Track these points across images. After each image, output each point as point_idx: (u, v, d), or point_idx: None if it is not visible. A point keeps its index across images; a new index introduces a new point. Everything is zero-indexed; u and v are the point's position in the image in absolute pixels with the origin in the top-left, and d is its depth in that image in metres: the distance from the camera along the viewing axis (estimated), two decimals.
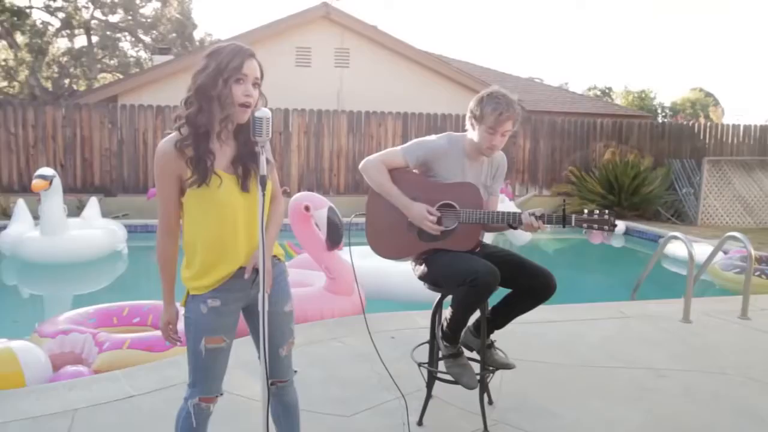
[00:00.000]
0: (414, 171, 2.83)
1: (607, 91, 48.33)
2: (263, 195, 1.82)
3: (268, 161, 1.90)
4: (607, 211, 2.58)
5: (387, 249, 2.81)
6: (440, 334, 2.79)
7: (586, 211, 2.62)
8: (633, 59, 68.13)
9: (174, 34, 29.40)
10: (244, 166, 1.95)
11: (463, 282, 2.48)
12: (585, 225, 2.57)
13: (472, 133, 2.78)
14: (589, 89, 43.37)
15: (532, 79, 17.39)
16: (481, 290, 2.47)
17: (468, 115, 2.81)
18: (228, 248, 1.95)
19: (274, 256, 2.06)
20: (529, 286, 2.68)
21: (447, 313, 2.70)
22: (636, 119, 14.29)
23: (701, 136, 13.10)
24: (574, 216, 2.59)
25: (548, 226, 2.58)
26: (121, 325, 4.15)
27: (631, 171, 11.67)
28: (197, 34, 31.28)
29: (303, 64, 12.86)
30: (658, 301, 5.30)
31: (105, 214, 8.72)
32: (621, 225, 10.22)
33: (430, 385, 2.92)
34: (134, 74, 18.15)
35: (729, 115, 42.14)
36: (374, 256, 2.89)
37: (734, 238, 4.99)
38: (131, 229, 8.69)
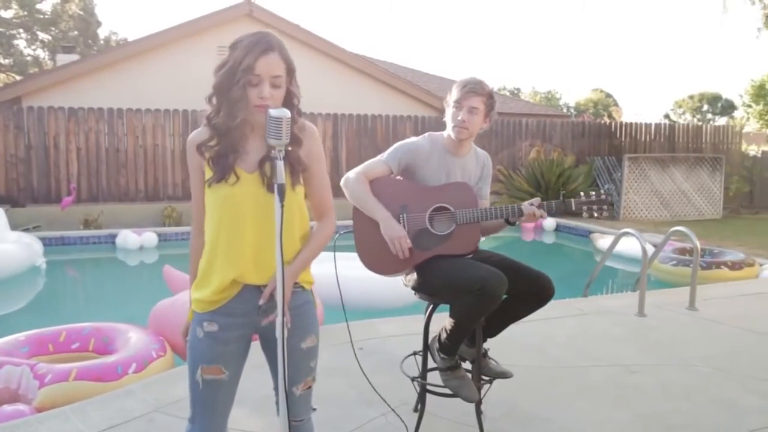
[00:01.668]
0: (399, 178, 2.68)
1: (515, 91, 50.13)
2: (281, 206, 1.58)
3: (297, 167, 1.71)
4: (603, 193, 2.62)
5: (384, 265, 2.58)
6: (436, 345, 2.64)
7: (582, 194, 2.65)
8: (539, 61, 71.04)
9: (76, 32, 27.67)
10: (273, 164, 1.71)
11: (469, 291, 2.33)
12: (585, 208, 2.58)
13: (448, 128, 2.70)
14: (499, 90, 44.77)
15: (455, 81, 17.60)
16: (490, 299, 2.34)
17: (444, 104, 2.76)
18: (229, 252, 1.73)
19: (297, 283, 1.80)
20: (526, 290, 2.58)
21: (447, 323, 2.55)
22: (558, 119, 14.79)
23: (618, 135, 13.72)
24: (573, 200, 2.59)
25: (548, 214, 2.57)
26: (59, 353, 3.71)
27: (556, 169, 12.03)
28: (102, 32, 29.64)
29: None
30: (609, 297, 5.42)
31: (14, 227, 7.96)
32: (551, 221, 10.51)
33: (423, 400, 2.76)
34: (39, 74, 16.86)
35: (628, 114, 44.77)
36: (323, 262, 2.66)
37: (680, 232, 5.16)
38: (47, 243, 7.99)
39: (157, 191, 10.68)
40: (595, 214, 2.60)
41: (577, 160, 12.83)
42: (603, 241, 8.52)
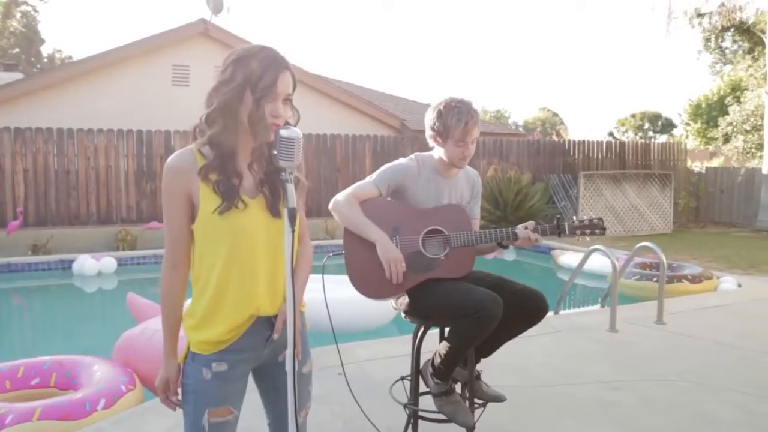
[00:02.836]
0: (389, 199, 2.62)
1: None
2: (292, 231, 1.49)
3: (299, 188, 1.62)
4: (595, 218, 2.60)
5: (377, 289, 2.49)
6: (430, 370, 2.57)
7: (575, 218, 2.63)
8: (487, 80, 72.62)
9: (18, 49, 26.71)
10: (273, 185, 1.63)
11: (467, 314, 2.28)
12: (578, 232, 2.54)
13: (439, 151, 2.63)
14: None
15: (414, 101, 17.75)
16: (488, 322, 2.29)
17: (429, 133, 2.66)
18: (244, 287, 1.60)
19: None
20: (521, 308, 2.54)
21: (441, 347, 2.48)
22: (514, 137, 15.05)
23: (571, 152, 14.06)
24: (567, 224, 2.55)
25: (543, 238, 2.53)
26: (17, 389, 3.47)
27: (513, 186, 12.20)
28: (45, 50, 28.72)
29: (180, 83, 12.11)
30: (580, 313, 5.47)
31: None
32: None
33: (415, 426, 2.68)
34: None
35: (574, 132, 46.11)
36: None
37: (646, 247, 5.27)
38: None
39: (110, 214, 10.30)
40: (588, 238, 2.59)
41: (533, 177, 13.06)
42: (564, 258, 8.65)
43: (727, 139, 18.93)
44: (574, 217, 2.64)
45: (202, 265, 1.61)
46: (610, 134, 45.27)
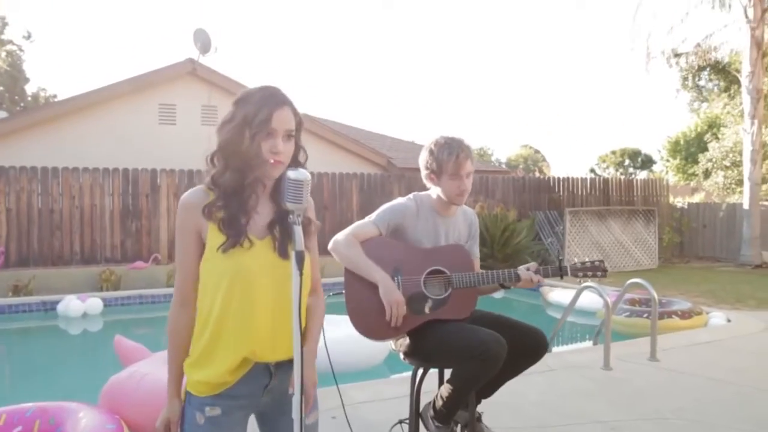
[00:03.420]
0: (389, 239, 2.61)
1: None
2: (300, 274, 1.46)
3: (308, 230, 1.60)
4: (597, 260, 2.61)
5: (378, 330, 2.46)
6: (431, 413, 2.53)
7: (576, 259, 2.65)
8: (470, 118, 73.69)
9: (1, 88, 26.67)
10: (283, 226, 1.61)
11: (471, 356, 2.26)
12: (580, 274, 2.55)
13: (436, 190, 2.65)
14: None
15: (400, 139, 17.93)
16: (492, 363, 2.27)
17: (424, 172, 2.69)
18: (241, 327, 1.57)
19: None
20: (522, 347, 2.52)
21: (443, 390, 2.44)
22: (499, 174, 15.19)
23: (556, 189, 14.21)
24: (569, 266, 2.56)
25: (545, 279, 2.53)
26: None
27: (500, 223, 12.25)
28: (29, 88, 28.71)
29: (167, 121, 12.13)
30: (572, 350, 5.44)
31: None
32: None
33: None
34: None
35: (556, 169, 46.73)
36: None
37: (637, 284, 5.28)
38: None
39: (94, 253, 10.15)
40: (589, 281, 2.61)
41: (519, 214, 13.14)
42: (554, 295, 8.65)
43: (707, 174, 19.29)
44: (576, 259, 2.65)
45: (204, 302, 1.61)
46: (592, 170, 45.94)
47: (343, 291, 2.50)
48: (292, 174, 1.48)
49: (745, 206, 13.32)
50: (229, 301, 1.57)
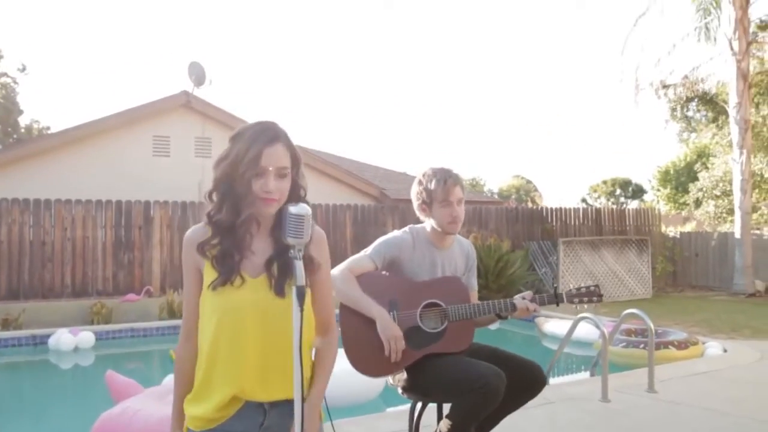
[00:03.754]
0: (384, 273, 2.61)
1: None
2: (301, 310, 1.45)
3: (309, 266, 1.58)
4: (592, 285, 2.63)
5: (376, 366, 2.43)
6: None
7: (571, 286, 2.66)
8: (462, 149, 74.25)
9: None
10: (282, 264, 1.59)
11: (470, 390, 2.23)
12: (576, 300, 2.56)
13: (429, 221, 2.67)
14: None
15: (392, 170, 18.03)
16: (492, 397, 2.24)
17: (417, 204, 2.71)
18: (230, 365, 1.56)
19: None
20: (520, 381, 2.50)
21: (442, 425, 2.41)
22: (492, 205, 15.26)
23: (549, 219, 14.27)
24: (565, 293, 2.57)
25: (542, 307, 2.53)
26: None
27: (494, 254, 12.24)
28: (23, 120, 28.75)
29: (161, 153, 12.16)
30: (569, 381, 5.39)
31: None
32: None
33: None
34: None
35: (548, 199, 46.99)
36: None
37: (633, 315, 5.27)
38: None
39: (85, 286, 10.05)
40: (585, 306, 2.60)
41: (512, 244, 13.16)
42: (549, 326, 8.61)
43: (698, 204, 19.44)
44: (571, 285, 2.66)
45: (201, 337, 1.62)
46: (583, 200, 46.22)
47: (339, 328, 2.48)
48: (293, 209, 1.48)
49: (737, 235, 13.39)
50: (218, 337, 1.57)
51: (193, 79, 12.70)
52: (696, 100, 18.49)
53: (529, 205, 33.68)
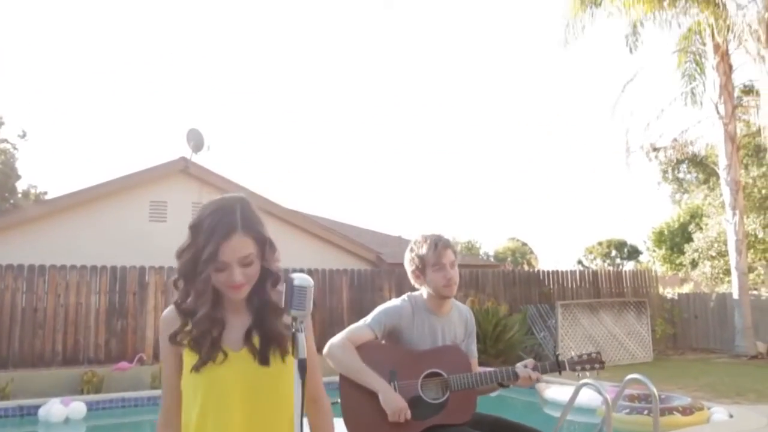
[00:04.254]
0: (383, 342, 2.58)
1: None
2: (302, 383, 1.42)
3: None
4: (593, 352, 2.61)
5: None
6: None
7: (573, 353, 2.65)
8: (457, 211, 74.77)
9: None
10: (263, 333, 1.56)
11: None
12: (578, 368, 2.54)
13: (424, 289, 2.67)
14: None
15: (389, 235, 18.09)
16: None
17: (410, 271, 2.71)
18: None
19: None
20: None
21: None
22: (489, 268, 15.23)
23: (546, 282, 14.21)
24: (567, 361, 2.55)
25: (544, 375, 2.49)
26: None
27: (492, 318, 12.12)
28: (20, 185, 28.90)
29: (158, 218, 12.19)
30: None
31: None
32: None
33: None
34: None
35: (544, 261, 46.99)
36: None
37: (636, 380, 5.16)
38: None
39: (76, 354, 9.84)
40: (588, 374, 2.57)
41: (510, 308, 13.05)
42: (550, 392, 8.43)
43: (694, 264, 19.46)
44: (573, 353, 2.64)
45: (185, 417, 1.56)
46: (579, 262, 46.18)
47: (339, 399, 2.43)
48: (297, 281, 1.46)
49: (735, 296, 13.33)
50: (205, 414, 1.52)
51: (192, 145, 12.89)
52: (686, 162, 18.84)
53: (526, 267, 33.64)
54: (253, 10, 54.11)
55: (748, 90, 15.18)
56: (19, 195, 28.90)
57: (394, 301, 2.69)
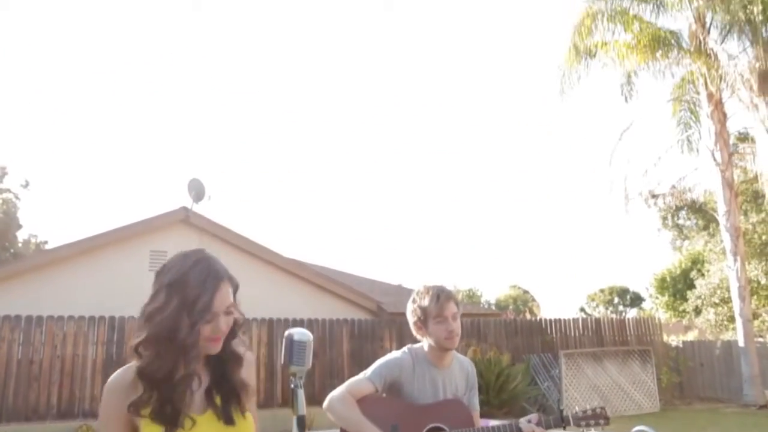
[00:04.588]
0: (384, 395, 2.54)
1: None
2: None
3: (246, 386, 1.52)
4: (598, 407, 2.57)
5: None
6: None
7: (577, 408, 2.62)
8: (457, 260, 74.61)
9: None
10: (224, 392, 1.52)
11: None
12: (583, 423, 2.50)
13: (426, 340, 2.64)
14: None
15: (389, 284, 18.01)
16: None
17: (412, 323, 2.69)
18: None
19: None
20: None
21: None
22: (491, 317, 15.10)
23: (549, 331, 14.05)
24: (571, 415, 2.51)
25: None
26: None
27: (494, 368, 11.94)
28: (21, 234, 28.96)
29: (157, 267, 12.13)
30: None
31: None
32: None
33: None
34: None
35: (546, 308, 46.61)
36: None
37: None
38: None
39: (71, 407, 9.65)
40: (593, 430, 2.52)
41: (513, 358, 12.87)
42: None
43: (698, 311, 19.29)
44: (577, 407, 2.60)
45: None
46: (582, 309, 45.80)
47: None
48: (296, 336, 1.45)
49: (741, 343, 13.16)
50: None
51: (193, 195, 12.96)
52: (685, 208, 18.91)
53: (528, 315, 33.34)
54: (250, 55, 55.32)
55: (744, 137, 15.37)
56: (20, 244, 28.93)
57: (395, 354, 2.66)
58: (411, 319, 2.67)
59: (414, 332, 2.69)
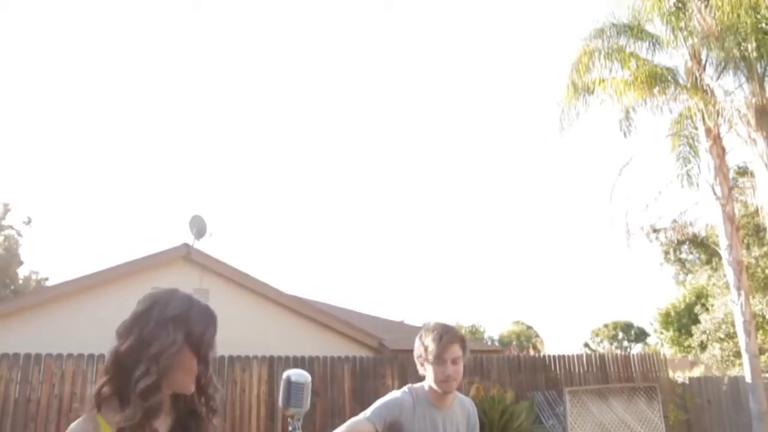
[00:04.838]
0: None
1: None
2: None
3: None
4: None
5: None
6: None
7: None
8: (460, 296, 74.21)
9: None
10: (185, 428, 1.58)
11: None
12: None
13: (428, 379, 2.62)
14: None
15: (391, 320, 17.90)
16: None
17: (416, 358, 2.68)
18: None
19: None
20: None
21: None
22: (494, 353, 14.94)
23: (553, 367, 13.88)
24: None
25: None
26: None
27: (498, 406, 11.75)
28: (22, 271, 28.94)
29: None
30: None
31: None
32: None
33: None
34: None
35: (549, 344, 46.13)
36: None
37: None
38: None
39: None
40: None
41: (516, 395, 12.68)
42: None
43: (703, 347, 19.08)
44: None
45: None
46: (586, 345, 45.34)
47: None
48: (294, 377, 1.45)
49: (748, 379, 12.96)
50: None
51: (194, 231, 12.99)
52: (687, 242, 18.88)
53: (531, 351, 32.98)
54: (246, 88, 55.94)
55: (743, 171, 15.43)
56: (21, 281, 28.90)
57: (395, 393, 2.64)
58: (415, 353, 2.66)
59: (419, 370, 2.68)
